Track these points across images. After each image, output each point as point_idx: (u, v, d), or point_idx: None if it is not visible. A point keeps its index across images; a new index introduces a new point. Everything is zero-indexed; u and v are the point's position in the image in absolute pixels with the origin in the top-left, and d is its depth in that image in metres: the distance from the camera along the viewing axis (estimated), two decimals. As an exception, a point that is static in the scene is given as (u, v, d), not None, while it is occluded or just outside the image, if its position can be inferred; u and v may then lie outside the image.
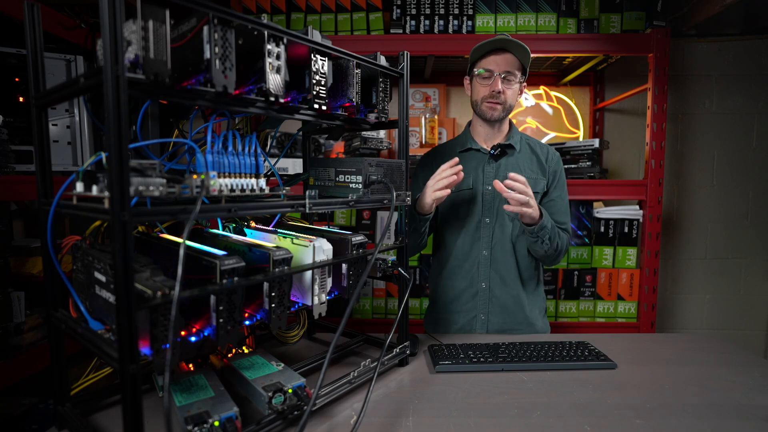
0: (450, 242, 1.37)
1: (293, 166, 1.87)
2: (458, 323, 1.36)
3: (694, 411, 0.82)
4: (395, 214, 1.00)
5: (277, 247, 0.73)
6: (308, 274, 0.80)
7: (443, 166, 1.16)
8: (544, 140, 2.33)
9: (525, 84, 1.37)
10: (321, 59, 0.77)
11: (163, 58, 0.55)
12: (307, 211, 0.78)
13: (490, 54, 1.30)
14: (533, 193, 1.31)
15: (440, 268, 1.40)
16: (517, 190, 1.14)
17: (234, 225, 0.95)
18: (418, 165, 1.46)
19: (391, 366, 1.01)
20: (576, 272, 2.00)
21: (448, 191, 1.15)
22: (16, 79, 1.47)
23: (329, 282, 0.84)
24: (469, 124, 1.45)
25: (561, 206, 1.37)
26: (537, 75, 2.33)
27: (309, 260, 0.78)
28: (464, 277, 1.35)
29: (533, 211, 1.16)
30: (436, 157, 1.42)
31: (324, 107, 0.79)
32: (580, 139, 2.33)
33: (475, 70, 1.33)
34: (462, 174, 1.16)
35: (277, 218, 1.01)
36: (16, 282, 1.39)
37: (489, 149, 1.36)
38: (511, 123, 1.42)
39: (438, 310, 1.41)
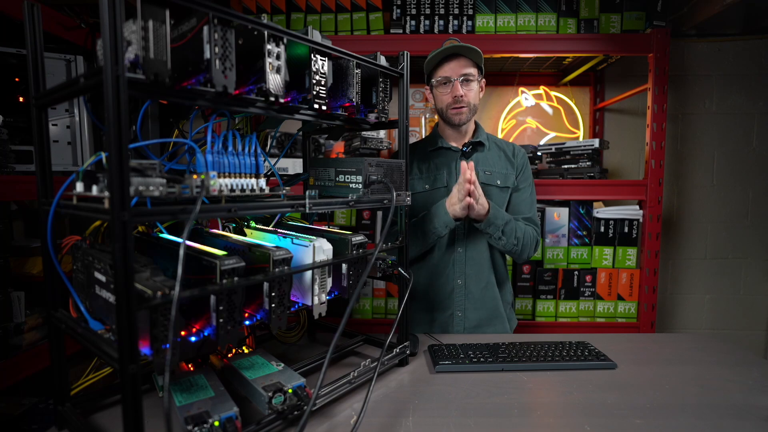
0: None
1: (293, 166, 1.87)
2: (436, 321, 1.38)
3: (694, 411, 0.82)
4: (396, 214, 1.00)
5: (277, 247, 0.73)
6: (308, 274, 0.80)
7: (461, 179, 1.19)
8: (543, 140, 2.33)
9: (484, 81, 1.40)
10: (321, 59, 0.77)
11: (163, 58, 0.55)
12: (307, 211, 0.78)
13: (444, 62, 1.33)
14: (504, 187, 1.38)
15: (417, 267, 1.42)
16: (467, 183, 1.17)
17: (234, 225, 0.95)
18: None
19: (391, 366, 1.01)
20: (576, 272, 2.00)
21: (470, 199, 1.19)
22: (16, 79, 1.47)
23: (329, 282, 0.84)
24: (437, 125, 1.47)
25: (526, 197, 1.41)
26: (537, 75, 2.33)
27: (309, 260, 0.78)
28: (440, 274, 1.37)
29: (480, 207, 1.20)
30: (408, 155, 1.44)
31: (324, 107, 0.79)
32: (580, 139, 2.33)
33: (433, 80, 1.36)
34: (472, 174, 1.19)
35: (277, 218, 1.01)
36: (16, 282, 1.39)
37: (460, 147, 1.39)
38: (476, 122, 1.45)
39: (417, 308, 1.42)
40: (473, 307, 1.37)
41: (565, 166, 2.01)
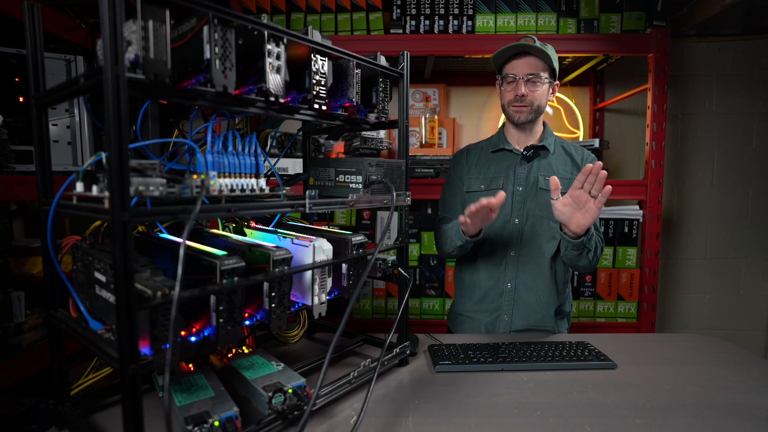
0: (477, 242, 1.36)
1: (293, 166, 1.87)
2: (482, 322, 1.36)
3: (694, 411, 0.82)
4: (395, 214, 1.00)
5: (277, 247, 0.73)
6: (308, 274, 0.80)
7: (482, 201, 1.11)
8: (544, 140, 2.33)
9: (557, 83, 1.36)
10: (321, 59, 0.77)
11: (163, 58, 0.55)
12: (307, 211, 0.78)
13: (513, 58, 1.32)
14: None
15: (466, 267, 1.40)
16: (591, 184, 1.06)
17: (234, 225, 0.95)
18: (451, 163, 1.49)
19: (391, 366, 1.01)
20: (576, 272, 2.00)
21: (481, 221, 1.15)
22: (16, 79, 1.47)
23: (329, 282, 0.84)
24: (504, 125, 1.45)
25: None
26: (537, 75, 2.33)
27: (309, 260, 0.78)
28: (490, 276, 1.35)
29: (593, 218, 1.10)
30: (468, 154, 1.45)
31: (324, 107, 0.79)
32: (580, 139, 2.33)
33: (499, 76, 1.37)
34: (496, 201, 1.11)
35: (277, 218, 1.01)
36: (16, 282, 1.39)
37: (522, 150, 1.36)
38: (545, 125, 1.41)
39: (462, 308, 1.41)
40: (521, 314, 1.32)
41: (565, 166, 2.01)
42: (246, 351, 0.92)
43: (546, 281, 1.33)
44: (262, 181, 0.73)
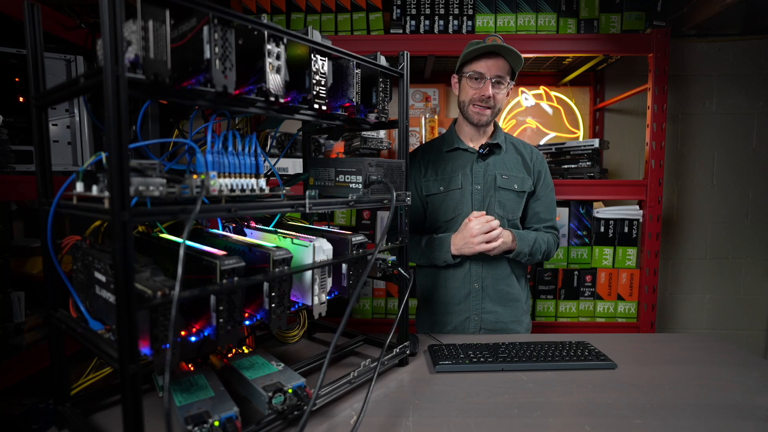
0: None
1: (293, 166, 1.87)
2: (451, 324, 1.36)
3: (694, 411, 0.82)
4: (397, 214, 1.00)
5: (277, 247, 0.73)
6: (308, 274, 0.80)
7: (480, 220, 1.23)
8: (543, 140, 2.33)
9: (512, 87, 1.38)
10: (321, 59, 0.77)
11: (163, 58, 0.55)
12: (307, 211, 0.78)
13: (483, 57, 1.30)
14: (520, 192, 1.35)
15: (430, 271, 1.40)
16: (480, 230, 1.22)
17: (234, 225, 0.95)
18: None
19: (391, 366, 1.01)
20: (576, 272, 2.00)
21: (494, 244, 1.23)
22: (16, 79, 1.47)
23: (329, 282, 0.84)
24: (455, 122, 1.45)
25: (547, 204, 1.39)
26: (537, 75, 2.33)
27: (309, 260, 0.78)
28: (456, 277, 1.35)
29: (503, 245, 1.24)
30: (423, 155, 1.42)
31: (324, 107, 0.79)
32: (580, 139, 2.33)
33: (466, 71, 1.33)
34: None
35: (277, 218, 1.01)
36: (16, 282, 1.39)
37: (477, 149, 1.36)
38: (495, 122, 1.42)
39: (431, 311, 1.40)
40: (491, 310, 1.34)
41: (565, 166, 2.02)
42: (246, 351, 0.92)
43: (510, 279, 1.35)
44: (262, 181, 0.73)
